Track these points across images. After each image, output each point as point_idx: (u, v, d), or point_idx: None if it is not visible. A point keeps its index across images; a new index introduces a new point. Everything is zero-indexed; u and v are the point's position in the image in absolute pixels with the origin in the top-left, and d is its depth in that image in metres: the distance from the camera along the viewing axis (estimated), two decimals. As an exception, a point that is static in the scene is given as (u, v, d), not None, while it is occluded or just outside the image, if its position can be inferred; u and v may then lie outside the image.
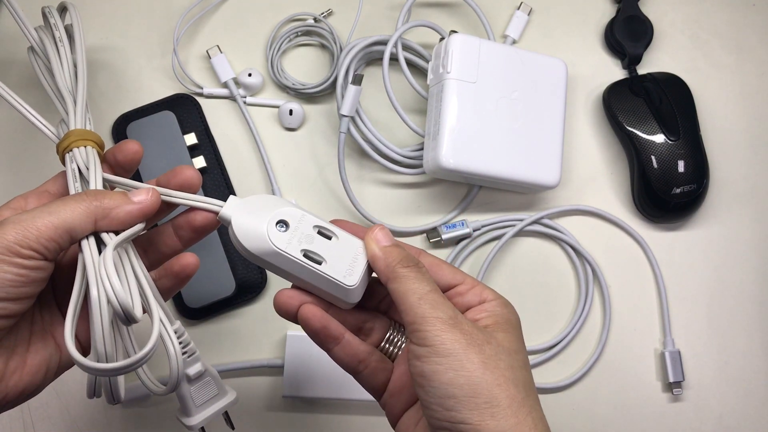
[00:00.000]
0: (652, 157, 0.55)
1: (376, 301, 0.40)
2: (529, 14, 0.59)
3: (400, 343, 0.39)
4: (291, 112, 0.56)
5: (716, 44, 0.60)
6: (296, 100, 0.57)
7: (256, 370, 0.54)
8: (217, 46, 0.57)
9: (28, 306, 0.34)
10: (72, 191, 0.37)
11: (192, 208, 0.39)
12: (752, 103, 0.59)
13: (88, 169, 0.38)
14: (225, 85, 0.57)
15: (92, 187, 0.37)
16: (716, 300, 0.56)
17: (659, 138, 0.55)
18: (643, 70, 0.58)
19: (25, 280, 0.33)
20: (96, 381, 0.37)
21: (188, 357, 0.39)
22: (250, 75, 0.56)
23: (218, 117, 0.57)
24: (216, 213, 0.38)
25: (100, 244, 0.35)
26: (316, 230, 0.36)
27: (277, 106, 0.57)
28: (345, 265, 0.36)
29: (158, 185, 0.38)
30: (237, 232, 0.36)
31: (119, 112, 0.56)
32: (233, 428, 0.43)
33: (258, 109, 0.57)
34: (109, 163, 0.40)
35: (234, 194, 0.55)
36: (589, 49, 0.60)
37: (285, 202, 0.37)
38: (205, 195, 0.54)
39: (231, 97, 0.57)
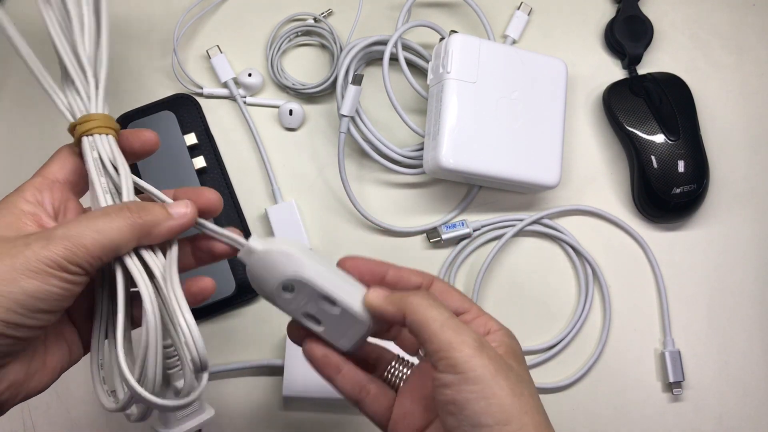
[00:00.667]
0: (652, 157, 0.55)
1: (383, 330, 0.40)
2: (529, 14, 0.59)
3: (401, 374, 0.40)
4: (291, 112, 0.56)
5: (716, 44, 0.60)
6: (296, 100, 0.57)
7: (257, 370, 0.54)
8: (217, 46, 0.57)
9: (60, 316, 0.34)
10: (97, 186, 0.36)
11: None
12: (752, 103, 0.59)
13: (116, 168, 0.37)
14: (225, 85, 0.57)
15: (124, 191, 0.36)
16: (716, 300, 0.56)
17: (659, 138, 0.55)
18: (643, 70, 0.58)
19: (68, 295, 0.33)
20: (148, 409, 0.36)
21: (178, 370, 0.39)
22: (250, 75, 0.56)
23: (218, 117, 0.57)
24: (236, 251, 0.38)
25: (145, 265, 0.35)
26: (320, 296, 0.37)
27: (277, 106, 0.57)
28: (342, 329, 0.37)
29: (174, 199, 0.38)
30: (250, 277, 0.38)
31: (119, 112, 0.56)
32: None
33: (258, 109, 0.57)
34: (122, 149, 0.38)
35: (234, 193, 0.55)
36: (589, 49, 0.60)
37: (300, 254, 0.37)
38: (205, 195, 0.55)
39: (231, 97, 0.57)
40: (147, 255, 0.36)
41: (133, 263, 0.35)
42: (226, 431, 0.53)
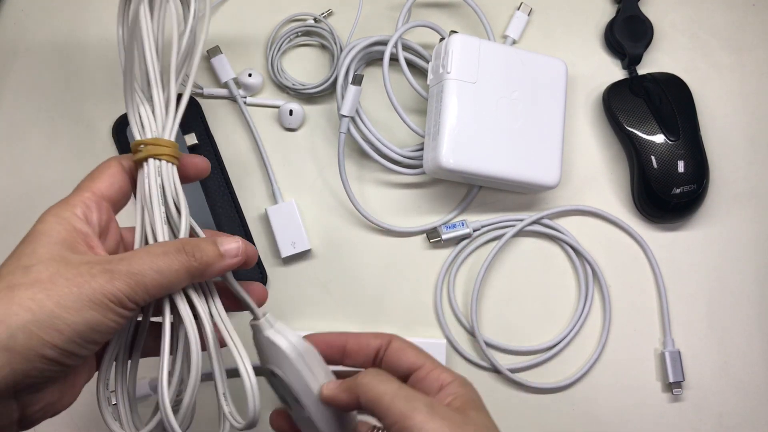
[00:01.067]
0: (652, 158, 0.55)
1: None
2: (529, 14, 0.59)
3: None
4: (291, 112, 0.56)
5: (716, 44, 0.60)
6: (296, 100, 0.57)
7: (257, 369, 0.54)
8: (217, 46, 0.57)
9: None
10: (156, 214, 0.37)
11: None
12: (752, 103, 0.59)
13: (177, 205, 0.38)
14: (225, 86, 0.57)
15: (182, 228, 0.37)
16: (716, 300, 0.56)
17: (659, 138, 0.55)
18: (643, 70, 0.58)
19: (119, 327, 0.34)
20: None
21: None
22: (250, 75, 0.56)
23: (218, 117, 0.57)
24: (252, 318, 0.39)
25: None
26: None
27: (277, 107, 0.57)
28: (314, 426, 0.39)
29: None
30: (255, 343, 0.40)
31: (119, 112, 0.56)
32: None
33: (258, 109, 0.57)
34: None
35: (234, 194, 0.55)
36: (589, 50, 0.60)
37: (290, 353, 0.38)
38: (205, 195, 0.55)
39: (231, 98, 0.57)
40: (193, 295, 0.37)
41: (182, 303, 0.36)
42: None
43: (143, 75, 0.39)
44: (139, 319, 0.39)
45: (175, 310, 0.37)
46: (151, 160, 0.38)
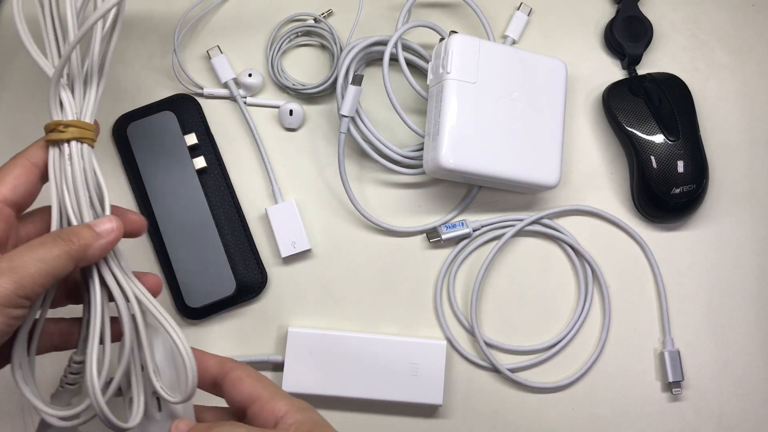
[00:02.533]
0: (652, 158, 0.55)
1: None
2: (528, 14, 0.59)
3: None
4: (291, 112, 0.56)
5: (716, 44, 0.60)
6: (296, 100, 0.57)
7: (257, 366, 0.54)
8: (218, 46, 0.57)
9: None
10: (82, 195, 0.38)
11: None
12: (752, 103, 0.59)
13: (99, 189, 0.39)
14: (225, 86, 0.57)
15: (107, 211, 0.39)
16: (716, 300, 0.56)
17: (659, 138, 0.55)
18: (642, 70, 0.58)
19: (10, 330, 0.34)
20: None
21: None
22: (250, 75, 0.57)
23: (218, 117, 0.57)
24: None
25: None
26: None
27: (278, 107, 0.57)
28: None
29: None
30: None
31: (119, 112, 0.56)
32: None
33: (258, 109, 0.57)
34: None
35: (234, 194, 0.56)
36: (588, 50, 0.60)
37: None
38: (206, 196, 0.55)
39: (231, 98, 0.57)
40: (114, 277, 0.38)
41: (99, 283, 0.38)
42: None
43: (66, 58, 0.39)
44: (36, 317, 0.39)
45: (102, 288, 0.38)
46: (74, 143, 0.38)
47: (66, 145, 0.38)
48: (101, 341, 0.38)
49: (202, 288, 0.53)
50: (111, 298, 0.39)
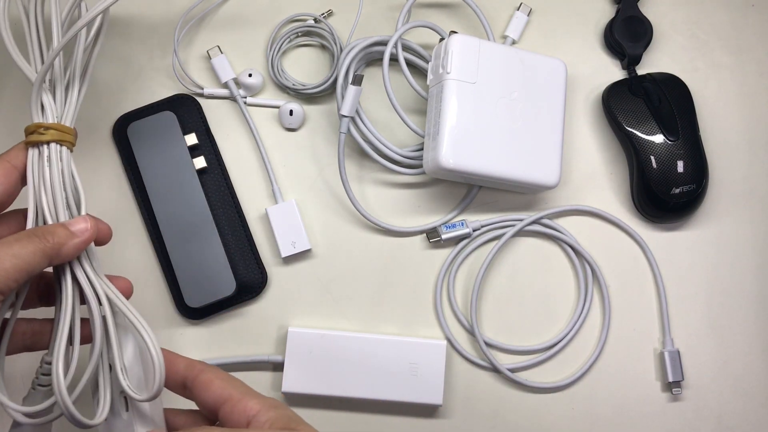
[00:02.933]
0: (652, 158, 0.55)
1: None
2: (528, 15, 0.59)
3: None
4: (291, 112, 0.57)
5: (715, 45, 0.60)
6: (296, 100, 0.57)
7: (257, 365, 0.54)
8: (218, 46, 0.57)
9: None
10: (59, 196, 0.39)
11: None
12: (752, 103, 0.59)
13: (76, 191, 0.40)
14: (225, 86, 0.57)
15: (83, 213, 0.40)
16: (716, 300, 0.56)
17: (658, 138, 0.55)
18: (642, 70, 0.59)
19: None
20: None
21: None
22: (250, 75, 0.57)
23: (219, 117, 0.57)
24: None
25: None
26: None
27: (278, 107, 0.57)
28: None
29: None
30: None
31: (119, 112, 0.56)
32: None
33: (258, 109, 0.58)
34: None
35: (234, 194, 0.56)
36: (588, 50, 0.60)
37: None
38: (206, 196, 0.55)
39: (231, 98, 0.57)
40: (84, 274, 0.39)
41: (71, 281, 0.39)
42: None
43: (49, 64, 0.41)
44: (7, 316, 0.39)
45: (73, 286, 0.39)
46: (53, 145, 0.40)
47: (45, 146, 0.40)
48: (70, 341, 0.38)
49: (202, 288, 0.53)
50: (83, 300, 0.39)
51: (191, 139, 0.55)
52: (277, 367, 0.54)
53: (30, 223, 0.39)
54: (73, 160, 0.41)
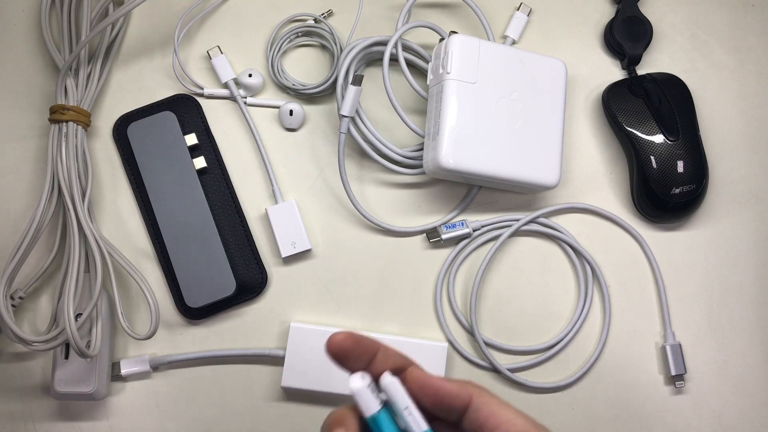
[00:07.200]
0: (652, 158, 0.55)
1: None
2: (528, 15, 0.59)
3: None
4: (291, 112, 0.57)
5: (715, 45, 0.60)
6: (296, 100, 0.57)
7: (257, 359, 0.54)
8: (218, 46, 0.57)
9: None
10: (72, 168, 0.49)
11: None
12: (752, 104, 0.59)
13: (87, 164, 0.49)
14: (225, 86, 0.57)
15: (89, 182, 0.51)
16: (716, 300, 0.56)
17: (658, 138, 0.55)
18: (642, 70, 0.59)
19: None
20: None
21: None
22: (250, 75, 0.57)
23: (219, 117, 0.57)
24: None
25: None
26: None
27: (278, 107, 0.57)
28: None
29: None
30: None
31: (120, 112, 0.56)
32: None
33: (258, 109, 0.58)
34: None
35: (234, 194, 0.56)
36: (588, 50, 0.60)
37: None
38: (206, 196, 0.55)
39: (231, 98, 0.57)
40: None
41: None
42: (223, 416, 0.54)
43: (76, 54, 0.50)
44: None
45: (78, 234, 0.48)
46: (71, 124, 0.49)
47: (65, 125, 0.49)
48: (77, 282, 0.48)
49: (203, 288, 0.53)
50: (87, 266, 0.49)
51: (191, 139, 0.56)
52: (278, 361, 0.54)
53: (46, 188, 0.48)
54: (86, 141, 0.50)
